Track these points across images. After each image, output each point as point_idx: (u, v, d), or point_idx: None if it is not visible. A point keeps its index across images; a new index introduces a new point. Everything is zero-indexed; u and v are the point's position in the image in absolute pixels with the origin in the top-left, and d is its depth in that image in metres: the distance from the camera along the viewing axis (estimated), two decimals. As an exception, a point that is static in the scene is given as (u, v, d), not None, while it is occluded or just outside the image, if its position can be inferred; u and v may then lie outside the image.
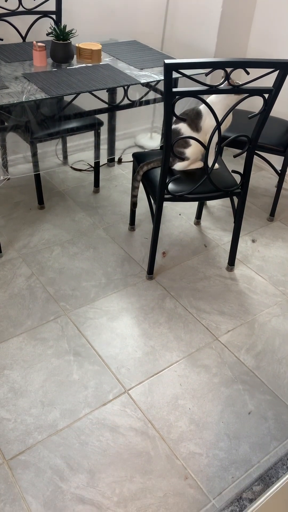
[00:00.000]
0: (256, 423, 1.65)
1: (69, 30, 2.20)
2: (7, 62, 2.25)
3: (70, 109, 2.43)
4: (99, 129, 2.54)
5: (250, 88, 1.71)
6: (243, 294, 2.17)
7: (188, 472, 1.50)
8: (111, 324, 1.97)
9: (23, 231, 2.44)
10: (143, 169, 2.12)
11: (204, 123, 1.94)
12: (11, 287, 2.10)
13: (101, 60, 2.36)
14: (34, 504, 1.39)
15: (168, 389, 1.73)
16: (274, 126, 2.60)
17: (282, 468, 1.51)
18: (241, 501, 1.41)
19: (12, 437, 1.54)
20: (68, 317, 1.98)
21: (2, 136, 2.51)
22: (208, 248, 2.44)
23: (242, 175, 2.03)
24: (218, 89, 1.69)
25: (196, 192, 1.99)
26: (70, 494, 1.42)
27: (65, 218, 2.57)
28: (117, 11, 2.83)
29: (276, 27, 2.80)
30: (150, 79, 2.20)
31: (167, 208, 2.72)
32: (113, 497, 1.42)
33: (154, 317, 2.02)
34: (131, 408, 1.66)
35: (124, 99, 2.32)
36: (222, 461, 1.54)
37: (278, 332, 2.00)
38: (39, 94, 1.96)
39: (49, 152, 2.98)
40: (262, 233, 2.58)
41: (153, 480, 1.47)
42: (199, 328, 1.99)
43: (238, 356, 1.88)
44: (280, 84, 1.72)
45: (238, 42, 2.96)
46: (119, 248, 2.38)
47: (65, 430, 1.58)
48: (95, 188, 2.81)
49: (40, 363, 1.79)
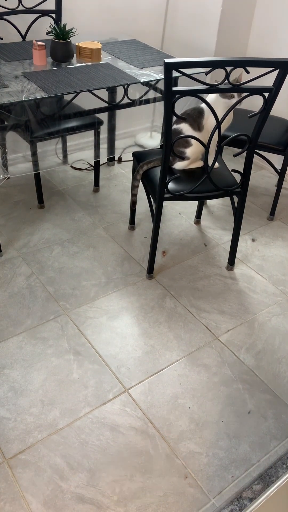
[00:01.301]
0: (256, 422, 1.65)
1: (69, 29, 2.19)
2: (6, 61, 2.25)
3: (70, 108, 2.43)
4: (99, 128, 2.54)
5: (250, 87, 1.71)
6: (243, 293, 2.17)
7: (188, 471, 1.50)
8: (111, 323, 1.97)
9: (23, 230, 2.44)
10: (143, 168, 2.12)
11: (206, 122, 1.93)
12: (11, 286, 2.10)
13: (101, 59, 2.36)
14: (34, 503, 1.39)
15: (168, 388, 1.73)
16: (274, 125, 2.60)
17: (282, 467, 1.51)
18: (241, 500, 1.41)
19: (12, 436, 1.55)
20: (68, 316, 1.98)
21: (2, 135, 2.51)
22: (208, 247, 2.44)
23: (242, 174, 2.03)
24: (218, 88, 1.69)
25: (196, 191, 1.99)
26: (70, 493, 1.42)
27: (65, 217, 2.56)
28: (117, 10, 2.83)
29: (276, 26, 2.80)
30: (150, 78, 2.20)
31: (167, 207, 2.72)
32: (113, 496, 1.42)
33: (154, 316, 2.02)
34: (131, 407, 1.66)
35: (124, 98, 2.32)
36: (222, 460, 1.54)
37: (278, 331, 2.00)
38: (39, 93, 1.96)
39: (49, 151, 2.98)
40: (262, 232, 2.58)
41: (153, 479, 1.47)
42: (199, 327, 1.99)
43: (238, 355, 1.88)
44: (280, 83, 1.72)
45: (238, 41, 2.96)
46: (119, 247, 2.38)
47: (65, 429, 1.58)
48: (95, 187, 2.81)
49: (40, 362, 1.79)
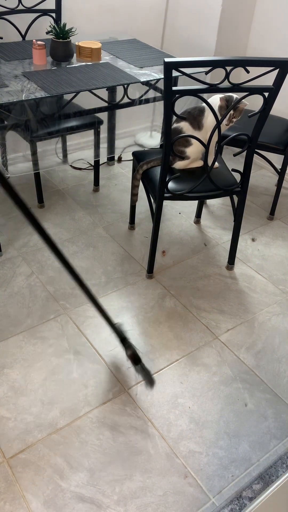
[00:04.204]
0: (256, 422, 1.65)
1: (68, 29, 2.19)
2: (6, 61, 2.25)
3: (69, 108, 2.43)
4: (99, 127, 2.54)
5: (250, 86, 1.71)
6: (243, 293, 2.17)
7: (188, 470, 1.50)
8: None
9: (23, 230, 2.44)
10: (143, 168, 2.12)
11: (206, 121, 1.93)
12: (11, 286, 2.10)
13: (101, 58, 2.36)
14: (34, 502, 1.39)
15: (168, 388, 1.74)
16: (274, 124, 2.59)
17: (282, 466, 1.52)
18: (241, 500, 1.42)
19: (12, 436, 1.55)
20: (68, 315, 1.98)
21: (2, 134, 2.51)
22: (208, 247, 2.44)
23: (242, 174, 2.03)
24: (218, 87, 1.69)
25: (196, 191, 1.98)
26: (70, 493, 1.42)
27: (64, 217, 2.56)
28: (117, 9, 2.83)
29: (276, 25, 2.80)
30: (150, 77, 2.20)
31: (167, 207, 2.72)
32: (113, 496, 1.42)
33: (154, 316, 2.02)
34: (131, 407, 1.66)
35: (124, 97, 2.31)
36: (222, 459, 1.54)
37: (278, 330, 2.00)
38: (38, 92, 1.96)
39: (49, 150, 2.98)
40: (262, 232, 2.58)
41: (153, 478, 1.47)
42: (199, 327, 1.99)
43: (238, 354, 1.88)
44: (280, 83, 1.72)
45: (238, 40, 2.96)
46: (119, 247, 2.38)
47: (65, 429, 1.58)
48: (95, 187, 2.81)
49: (40, 362, 1.79)
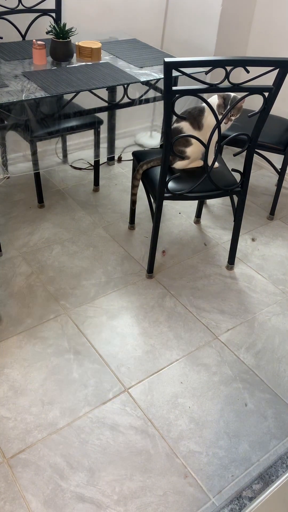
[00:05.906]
0: (256, 422, 1.65)
1: (68, 29, 2.19)
2: (6, 61, 2.25)
3: (70, 108, 2.42)
4: (99, 127, 2.54)
5: (250, 86, 1.71)
6: (243, 292, 2.17)
7: (188, 470, 1.50)
8: (111, 322, 1.97)
9: (23, 229, 2.44)
10: (142, 168, 2.12)
11: (206, 120, 1.93)
12: (11, 285, 2.10)
13: (100, 58, 2.36)
14: (34, 502, 1.39)
15: (168, 388, 1.74)
16: (274, 124, 2.59)
17: (282, 466, 1.52)
18: (241, 500, 1.42)
19: (12, 436, 1.55)
20: (68, 315, 1.98)
21: (2, 134, 2.51)
22: (208, 246, 2.44)
23: (242, 174, 2.03)
24: (218, 87, 1.69)
25: (196, 190, 1.98)
26: (70, 493, 1.42)
27: (65, 216, 2.56)
28: (117, 9, 2.83)
29: (276, 25, 2.80)
30: (150, 77, 2.20)
31: (167, 206, 2.72)
32: (113, 496, 1.42)
33: (154, 316, 2.02)
34: (131, 407, 1.66)
35: (124, 97, 2.31)
36: (222, 459, 1.54)
37: (278, 330, 2.00)
38: (38, 92, 1.96)
39: (49, 150, 2.98)
40: (262, 232, 2.58)
41: (153, 478, 1.47)
42: (199, 326, 1.99)
43: (237, 354, 1.88)
44: (280, 83, 1.71)
45: (238, 40, 2.95)
46: (119, 247, 2.38)
47: (65, 429, 1.58)
48: (95, 186, 2.81)
49: (40, 362, 1.79)
